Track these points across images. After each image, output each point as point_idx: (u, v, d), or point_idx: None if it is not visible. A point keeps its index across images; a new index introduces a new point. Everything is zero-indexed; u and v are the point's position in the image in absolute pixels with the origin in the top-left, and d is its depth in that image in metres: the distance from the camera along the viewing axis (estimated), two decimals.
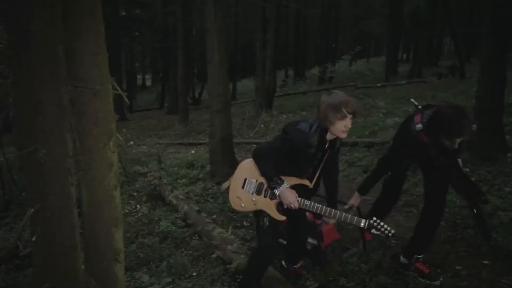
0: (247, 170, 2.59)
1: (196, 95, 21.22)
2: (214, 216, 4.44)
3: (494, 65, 5.02)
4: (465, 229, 3.65)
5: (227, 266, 3.20)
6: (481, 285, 2.80)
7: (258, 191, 2.54)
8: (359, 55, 19.79)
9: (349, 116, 2.35)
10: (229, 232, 3.75)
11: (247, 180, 2.57)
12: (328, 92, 2.48)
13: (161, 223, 4.23)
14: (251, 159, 2.58)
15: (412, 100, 2.97)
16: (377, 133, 7.51)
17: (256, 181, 2.55)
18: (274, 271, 2.89)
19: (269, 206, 2.51)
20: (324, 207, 2.47)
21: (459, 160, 2.79)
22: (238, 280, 2.98)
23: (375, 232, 2.34)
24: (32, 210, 1.51)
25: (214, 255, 3.44)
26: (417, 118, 2.74)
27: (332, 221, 2.74)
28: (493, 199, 3.95)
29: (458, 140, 2.52)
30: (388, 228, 2.33)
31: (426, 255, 3.04)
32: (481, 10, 18.19)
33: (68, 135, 1.57)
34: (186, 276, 3.22)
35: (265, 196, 2.52)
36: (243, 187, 2.57)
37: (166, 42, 17.60)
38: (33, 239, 1.55)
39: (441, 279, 2.87)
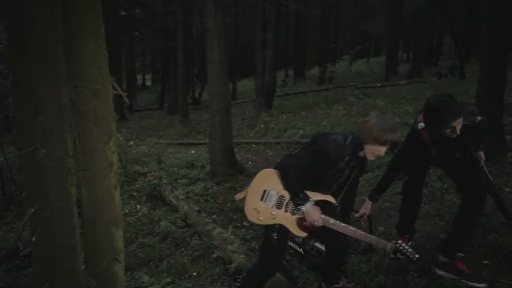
0: (267, 181, 2.40)
1: (196, 95, 21.23)
2: (214, 216, 4.44)
3: (494, 65, 5.02)
4: None
5: (227, 266, 3.20)
6: None
7: (279, 205, 2.36)
8: (359, 55, 19.78)
9: (388, 146, 2.22)
10: (229, 232, 3.75)
11: (266, 192, 2.38)
12: (381, 112, 2.38)
13: (161, 223, 4.23)
14: (271, 170, 2.42)
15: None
16: None
17: (277, 193, 2.37)
18: None
19: (289, 222, 2.36)
20: (349, 226, 2.33)
21: (481, 153, 2.71)
22: (238, 280, 2.98)
23: (400, 257, 2.24)
24: (32, 210, 1.51)
25: (214, 255, 3.44)
26: (420, 117, 2.72)
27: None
28: None
29: (458, 125, 2.46)
30: (413, 252, 2.22)
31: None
32: (481, 10, 18.19)
33: (68, 135, 1.57)
34: (186, 276, 3.23)
35: (286, 211, 2.36)
36: (262, 199, 2.39)
37: (166, 42, 17.60)
38: (33, 239, 1.55)
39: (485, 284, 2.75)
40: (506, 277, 2.85)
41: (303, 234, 2.37)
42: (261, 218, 2.39)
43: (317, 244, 3.08)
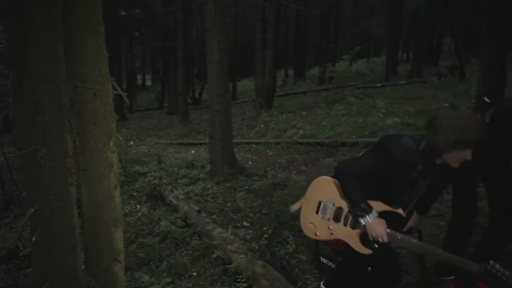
0: (322, 191, 2.15)
1: (196, 95, 21.23)
2: (214, 216, 4.44)
3: (494, 65, 5.02)
4: None
5: (227, 266, 3.20)
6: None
7: (336, 218, 2.10)
8: (359, 55, 19.76)
9: (473, 147, 1.80)
10: (229, 232, 3.75)
11: (322, 203, 2.14)
12: (455, 108, 2.04)
13: (161, 223, 4.23)
14: (327, 177, 2.15)
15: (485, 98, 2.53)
16: (377, 133, 7.51)
17: (334, 205, 2.10)
18: (274, 271, 2.89)
19: (350, 237, 2.06)
20: (424, 244, 2.03)
21: None
22: (238, 280, 2.98)
23: (491, 281, 1.82)
24: (32, 210, 1.51)
25: (214, 255, 3.44)
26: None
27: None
28: None
29: None
30: (508, 274, 1.75)
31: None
32: (481, 10, 18.19)
33: (68, 135, 1.57)
34: (186, 276, 3.23)
35: (345, 224, 2.08)
36: (317, 212, 2.15)
37: (166, 42, 17.60)
38: (33, 239, 1.55)
39: None
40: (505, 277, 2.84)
41: (368, 251, 2.03)
42: (318, 233, 2.15)
43: None
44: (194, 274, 3.24)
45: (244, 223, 4.22)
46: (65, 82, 1.52)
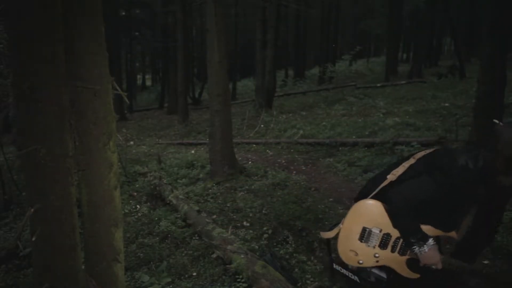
0: (366, 216, 1.98)
1: (196, 95, 21.23)
2: (214, 216, 4.44)
3: (494, 65, 5.03)
4: None
5: (227, 266, 3.20)
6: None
7: (383, 245, 1.95)
8: (359, 55, 19.78)
9: None
10: (229, 232, 3.75)
11: (367, 230, 1.97)
12: (509, 122, 1.71)
13: (161, 223, 4.23)
14: (371, 201, 1.98)
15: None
16: (377, 133, 7.51)
17: (380, 231, 1.94)
18: (274, 271, 2.89)
19: (397, 263, 1.95)
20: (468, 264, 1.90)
21: None
22: (238, 280, 2.98)
23: None
24: (32, 210, 1.51)
25: (214, 255, 3.44)
26: None
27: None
28: None
29: None
30: None
31: None
32: (481, 10, 18.20)
33: (68, 135, 1.57)
34: (186, 276, 3.23)
35: (392, 251, 1.94)
36: (361, 239, 1.98)
37: (166, 42, 17.61)
38: (33, 239, 1.55)
39: None
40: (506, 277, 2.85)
41: (415, 276, 1.93)
42: (361, 261, 2.00)
43: (375, 270, 2.52)
44: (194, 274, 3.24)
45: (244, 223, 4.22)
46: (65, 82, 1.52)
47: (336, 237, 2.06)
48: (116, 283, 1.86)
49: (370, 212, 1.97)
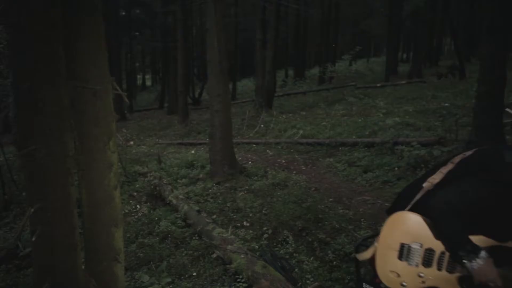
0: (403, 231, 1.76)
1: (196, 95, 21.23)
2: (214, 216, 4.44)
3: (494, 65, 5.02)
4: None
5: (227, 266, 3.20)
6: None
7: (427, 262, 1.70)
8: (359, 55, 19.78)
9: None
10: (229, 232, 3.75)
11: (405, 246, 1.73)
12: None
13: (161, 223, 4.23)
14: (407, 213, 1.76)
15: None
16: (377, 133, 7.51)
17: (422, 246, 1.70)
18: (274, 271, 2.89)
19: (448, 282, 1.68)
20: None
21: None
22: (238, 280, 2.98)
23: None
24: (32, 210, 1.51)
25: (214, 255, 3.44)
26: None
27: None
28: None
29: None
30: None
31: None
32: (481, 10, 18.19)
33: (68, 135, 1.57)
34: (186, 276, 3.23)
35: (439, 269, 1.68)
36: (400, 257, 1.75)
37: (166, 42, 17.61)
38: (33, 239, 1.55)
39: None
40: None
41: None
42: (404, 283, 1.74)
43: None
44: (194, 274, 3.24)
45: (244, 223, 4.22)
46: (65, 82, 1.52)
47: (373, 258, 1.83)
48: (116, 283, 1.86)
49: (407, 225, 1.75)
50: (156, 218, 4.47)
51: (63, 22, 1.49)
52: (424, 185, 1.77)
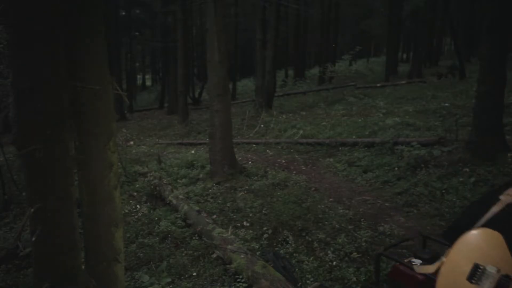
0: (479, 251, 1.57)
1: (196, 95, 21.22)
2: (214, 216, 4.44)
3: (494, 65, 5.02)
4: None
5: (227, 266, 3.20)
6: None
7: None
8: (359, 55, 19.78)
9: None
10: (229, 232, 3.75)
11: (480, 268, 1.55)
12: None
13: (161, 223, 4.23)
14: (486, 231, 1.58)
15: None
16: (377, 133, 7.51)
17: (498, 272, 1.52)
18: (274, 271, 2.89)
19: None
20: None
21: None
22: (238, 280, 2.98)
23: None
24: (32, 210, 1.51)
25: (214, 255, 3.44)
26: None
27: None
28: None
29: None
30: None
31: None
32: (481, 10, 18.20)
33: (68, 135, 1.57)
34: (186, 276, 3.23)
35: None
36: (470, 279, 1.56)
37: (166, 42, 17.60)
38: (33, 239, 1.55)
39: None
40: None
41: None
42: None
43: None
44: (194, 274, 3.24)
45: (244, 223, 4.22)
46: (65, 82, 1.52)
47: (435, 273, 1.67)
48: (116, 283, 1.86)
49: (485, 245, 1.57)
50: (156, 218, 4.47)
51: (63, 22, 1.49)
52: (502, 197, 1.60)
